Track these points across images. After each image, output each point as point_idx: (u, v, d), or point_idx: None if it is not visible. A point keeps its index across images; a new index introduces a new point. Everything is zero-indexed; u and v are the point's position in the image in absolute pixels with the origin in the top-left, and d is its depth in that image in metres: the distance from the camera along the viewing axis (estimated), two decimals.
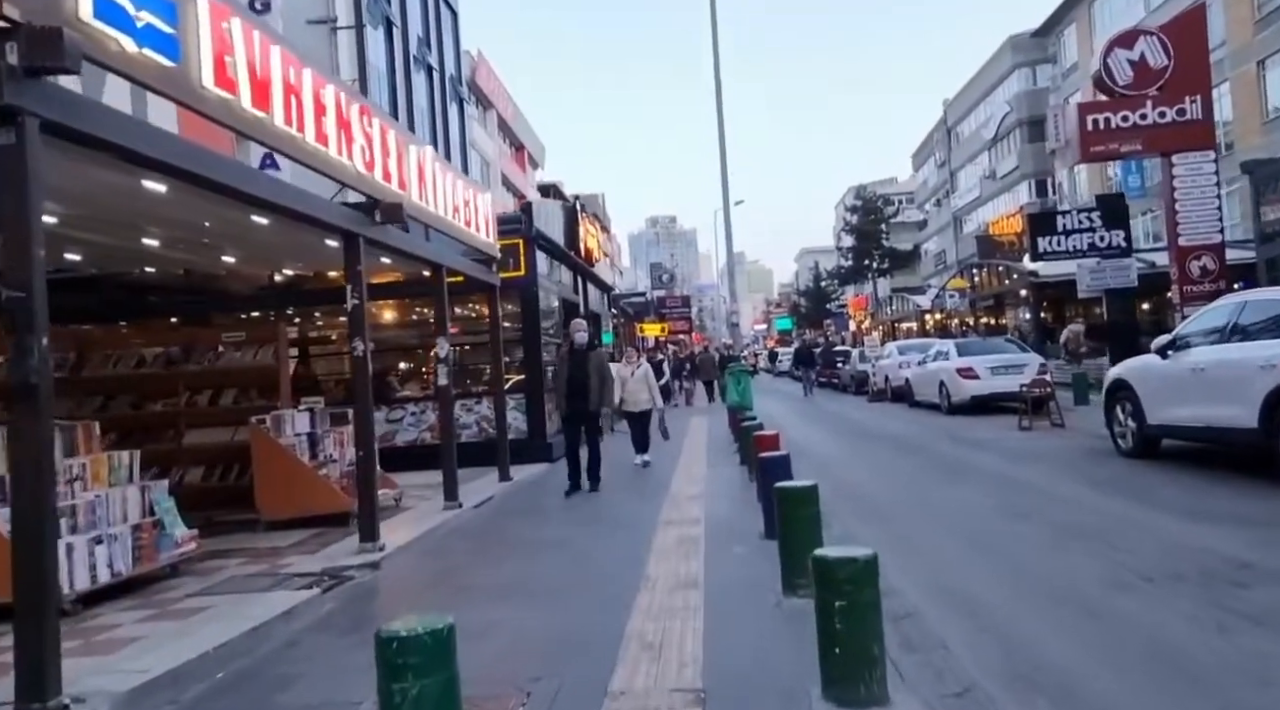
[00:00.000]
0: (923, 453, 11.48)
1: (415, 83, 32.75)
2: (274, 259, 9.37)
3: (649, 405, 11.55)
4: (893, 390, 21.22)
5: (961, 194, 53.43)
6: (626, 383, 11.28)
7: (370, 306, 14.61)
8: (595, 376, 9.51)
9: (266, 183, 5.46)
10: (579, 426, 9.77)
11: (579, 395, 9.51)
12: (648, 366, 11.80)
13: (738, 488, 9.30)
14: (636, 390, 11.40)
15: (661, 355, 20.76)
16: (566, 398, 9.57)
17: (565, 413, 9.70)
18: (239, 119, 4.93)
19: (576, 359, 9.60)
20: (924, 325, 38.20)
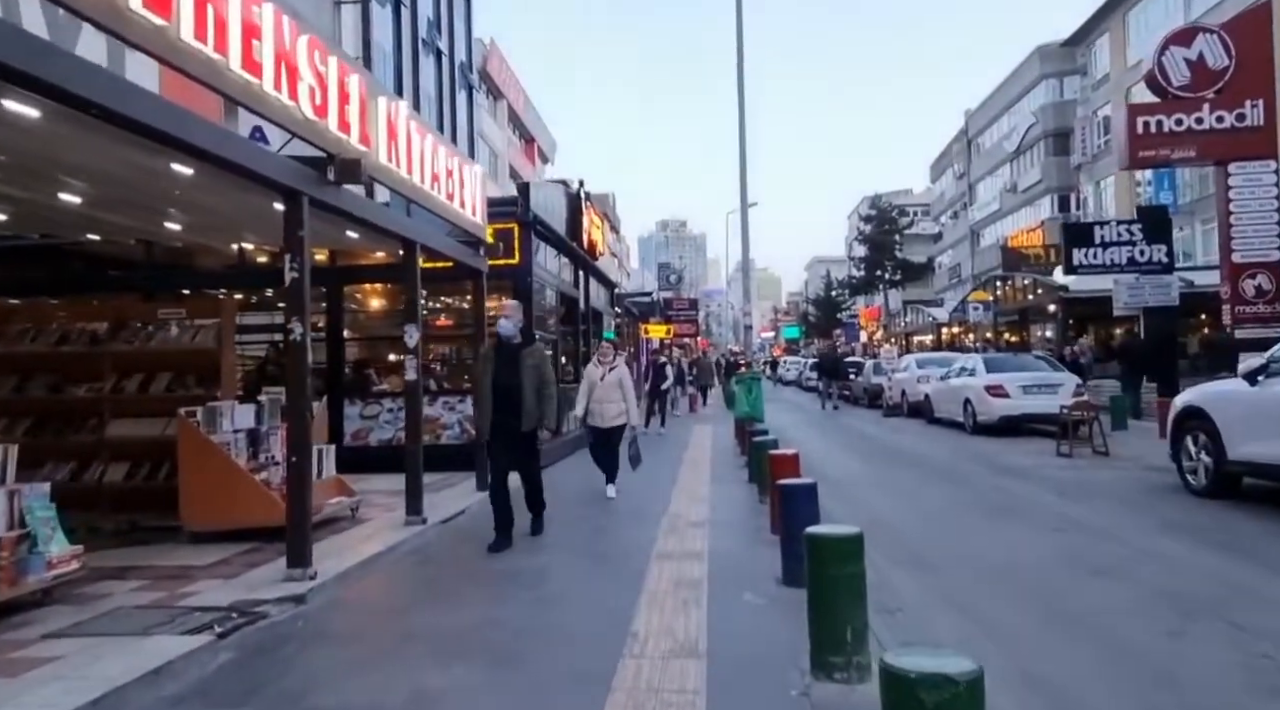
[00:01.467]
0: (955, 479, 10.24)
1: (423, 66, 31.68)
2: (227, 228, 8.19)
3: (622, 419, 9.01)
4: (910, 405, 20.00)
5: (980, 207, 52.16)
6: (595, 388, 9.02)
7: (354, 291, 13.55)
8: (530, 381, 6.72)
9: (162, 111, 4.27)
10: (508, 453, 6.82)
11: (507, 408, 6.64)
12: (625, 369, 9.27)
13: (747, 512, 8.08)
14: (608, 399, 9.02)
15: (665, 358, 19.49)
16: (489, 412, 6.71)
17: (487, 433, 6.79)
18: (125, 22, 3.75)
19: (503, 357, 6.78)
20: (940, 338, 36.91)
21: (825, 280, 71.41)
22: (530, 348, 7.03)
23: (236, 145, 5.02)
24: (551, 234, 12.94)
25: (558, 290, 13.99)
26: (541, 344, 7.92)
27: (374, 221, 6.72)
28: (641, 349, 29.52)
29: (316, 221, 6.62)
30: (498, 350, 6.86)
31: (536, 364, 6.86)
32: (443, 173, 7.93)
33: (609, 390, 9.01)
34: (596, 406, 9.08)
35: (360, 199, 6.47)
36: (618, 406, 9.02)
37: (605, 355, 9.33)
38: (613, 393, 9.00)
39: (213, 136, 4.75)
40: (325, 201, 5.81)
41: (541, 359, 7.02)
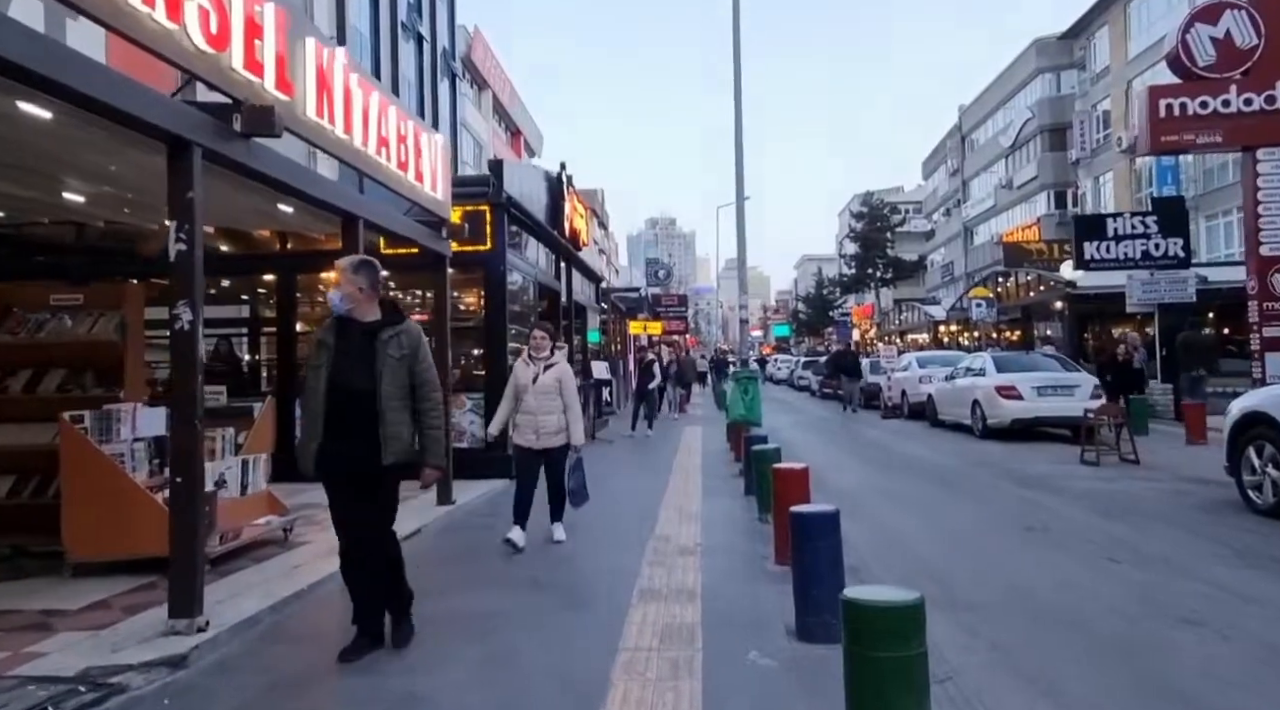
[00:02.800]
0: (974, 491, 9.18)
1: (402, 51, 30.40)
2: (142, 203, 7.00)
3: (564, 437, 6.65)
4: (910, 407, 18.98)
5: (974, 203, 51.34)
6: (526, 394, 6.58)
7: (311, 281, 12.38)
8: (393, 384, 4.12)
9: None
10: (348, 498, 4.24)
11: (348, 427, 4.07)
12: (567, 368, 6.82)
13: (744, 533, 6.99)
14: (543, 408, 6.55)
15: (653, 356, 18.37)
16: (320, 433, 4.12)
17: (310, 468, 4.16)
18: None
19: (347, 345, 4.16)
20: (937, 337, 35.94)
21: (816, 278, 70.55)
22: (395, 330, 4.15)
23: (101, 80, 3.87)
24: (528, 218, 11.81)
25: (536, 281, 12.86)
26: (418, 326, 4.31)
27: (300, 188, 5.58)
28: (629, 347, 28.39)
29: (229, 188, 5.50)
30: (339, 334, 4.14)
31: (406, 356, 4.13)
32: (393, 137, 6.79)
33: (544, 397, 6.55)
34: (528, 419, 6.57)
35: (280, 160, 5.32)
36: (557, 419, 6.58)
37: (539, 347, 6.68)
38: (549, 400, 6.57)
39: (66, 66, 3.61)
40: (227, 156, 4.67)
41: (416, 348, 4.18)
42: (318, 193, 5.78)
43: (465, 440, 10.66)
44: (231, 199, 6.19)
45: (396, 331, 4.18)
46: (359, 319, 4.17)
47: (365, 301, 4.18)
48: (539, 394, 6.57)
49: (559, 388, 6.63)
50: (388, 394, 4.07)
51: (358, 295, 4.16)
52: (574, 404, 6.73)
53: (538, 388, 6.57)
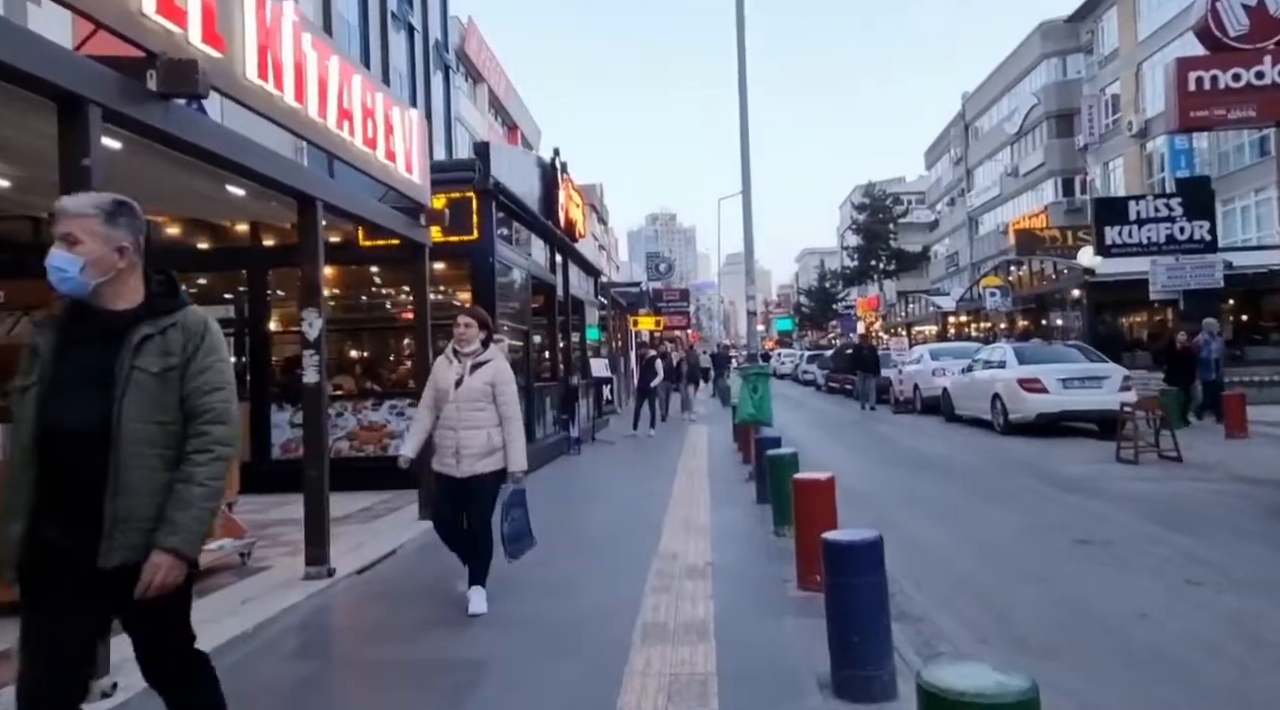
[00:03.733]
0: (1006, 495, 8.40)
1: (393, 42, 29.54)
2: None
3: (496, 463, 4.92)
4: (924, 401, 18.17)
5: (979, 192, 50.48)
6: (447, 400, 4.92)
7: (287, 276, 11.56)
8: (137, 420, 2.24)
9: None
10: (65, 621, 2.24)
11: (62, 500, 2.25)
12: (504, 367, 5.05)
13: (760, 549, 6.22)
14: (469, 421, 4.88)
15: (654, 352, 17.58)
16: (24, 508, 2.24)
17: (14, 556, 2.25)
18: None
19: (75, 354, 2.30)
20: (945, 328, 35.12)
21: (819, 270, 69.75)
22: (159, 325, 2.34)
23: None
24: (519, 207, 11.03)
25: (529, 274, 12.08)
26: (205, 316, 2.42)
27: (240, 162, 4.79)
28: (630, 343, 27.62)
29: (166, 165, 4.73)
30: (63, 333, 2.33)
31: (174, 368, 2.32)
32: (357, 110, 6.01)
33: (471, 407, 4.84)
34: (447, 437, 4.87)
35: (211, 127, 4.54)
36: (486, 437, 4.84)
37: (464, 338, 4.96)
38: (477, 411, 4.85)
39: None
40: (138, 119, 3.89)
41: (196, 351, 2.36)
42: (263, 168, 4.99)
43: None
44: (170, 179, 5.43)
45: (161, 327, 2.33)
46: (104, 305, 2.33)
47: (121, 273, 2.33)
48: (463, 402, 4.83)
49: (491, 394, 4.86)
50: (129, 437, 2.22)
51: (109, 260, 2.30)
52: (513, 415, 4.93)
53: (462, 394, 4.83)
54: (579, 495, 9.45)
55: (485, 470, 4.88)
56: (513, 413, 4.97)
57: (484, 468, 4.87)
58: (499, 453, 4.90)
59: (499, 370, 4.99)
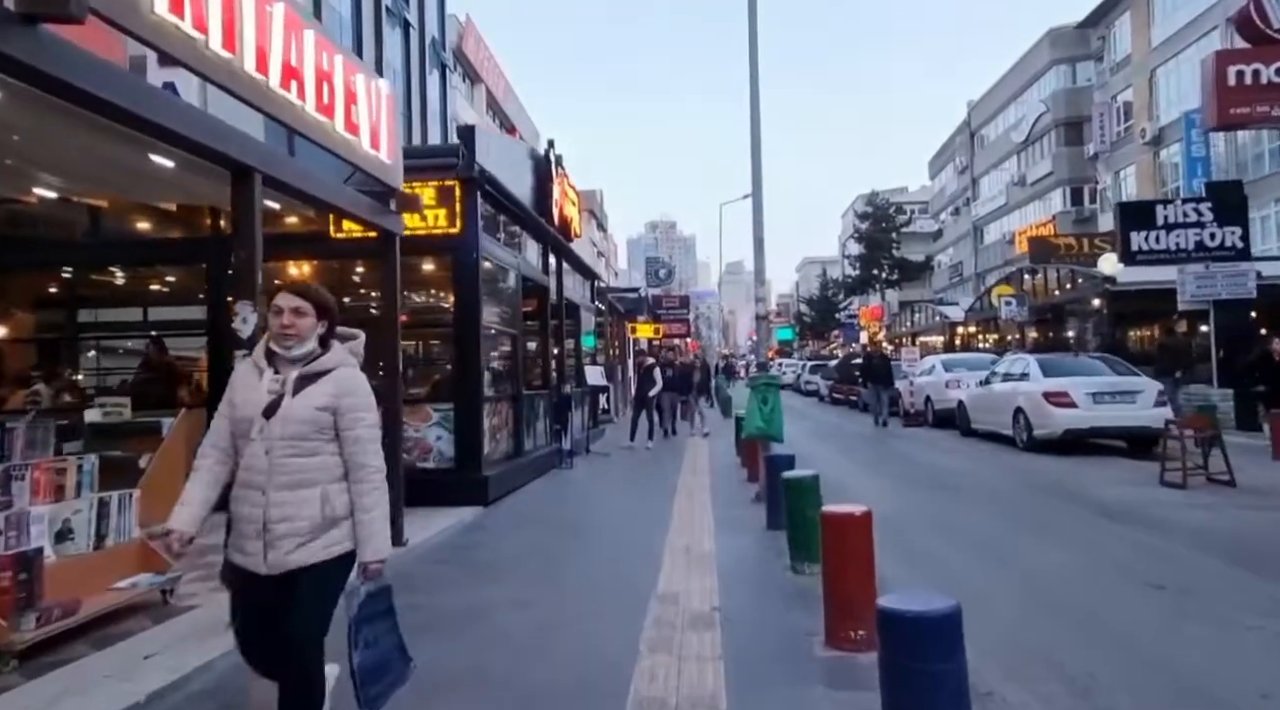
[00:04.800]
0: (1049, 525, 7.48)
1: (388, 38, 28.74)
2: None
3: (334, 547, 2.87)
4: (936, 414, 17.28)
5: (984, 202, 49.74)
6: (249, 440, 2.86)
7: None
8: None
9: None
10: None
11: None
12: (355, 380, 2.96)
13: (776, 589, 5.31)
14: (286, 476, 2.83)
15: (653, 359, 16.68)
16: None
17: None
18: None
19: None
20: (953, 339, 34.21)
21: (820, 279, 68.93)
22: None
23: None
24: (508, 199, 10.14)
25: (519, 274, 11.18)
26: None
27: (143, 115, 3.88)
28: (628, 350, 26.70)
29: (73, 127, 3.84)
30: None
31: None
32: (309, 71, 5.11)
33: (291, 451, 2.83)
34: (249, 499, 2.87)
35: (100, 68, 3.64)
36: (318, 502, 2.84)
37: (288, 333, 2.92)
38: (303, 457, 2.85)
39: None
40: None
41: None
42: (179, 127, 4.08)
43: (431, 459, 8.98)
44: (75, 142, 4.53)
45: None
46: None
47: None
48: (279, 441, 2.81)
49: (332, 426, 2.87)
50: None
51: None
52: (372, 464, 2.90)
53: (277, 426, 2.81)
54: (568, 516, 8.54)
55: (315, 559, 2.79)
56: (371, 458, 2.88)
57: (313, 555, 2.79)
58: (343, 527, 2.84)
59: (347, 386, 2.88)
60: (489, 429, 9.56)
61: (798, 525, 5.74)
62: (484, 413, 9.25)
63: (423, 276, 10.46)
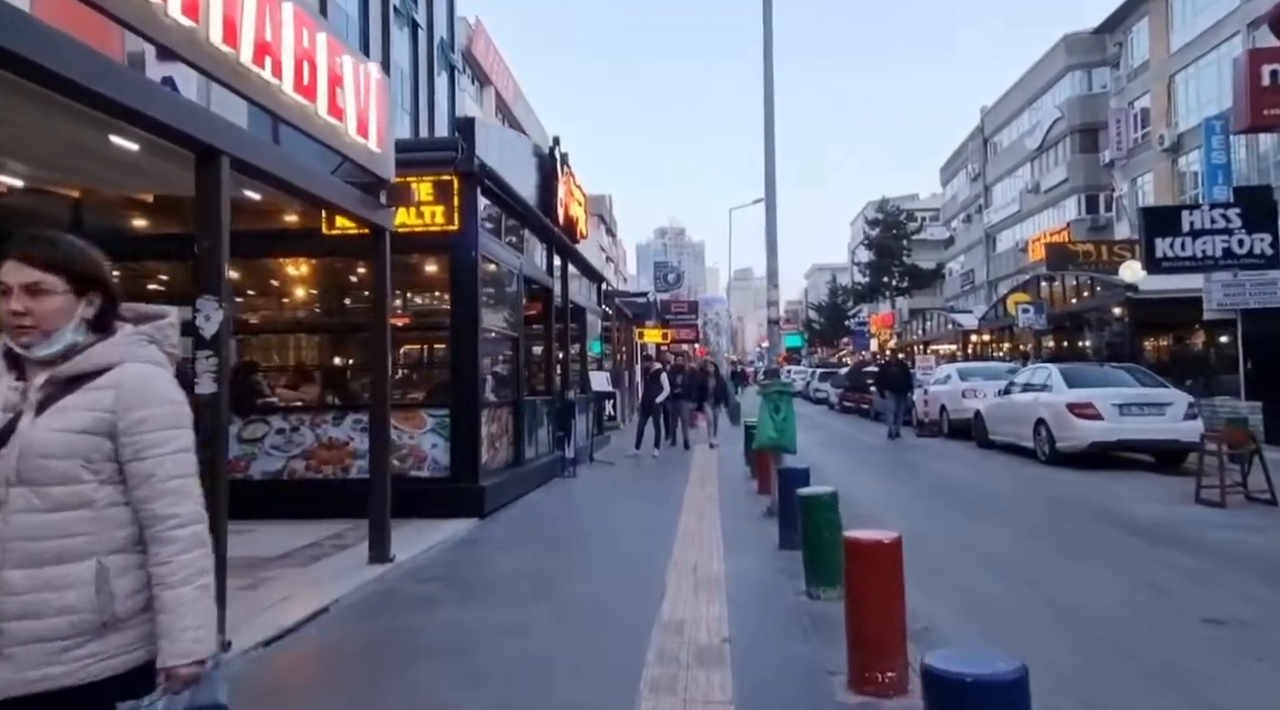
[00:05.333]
0: (1082, 546, 6.98)
1: (395, 38, 28.40)
2: None
3: (123, 654, 1.69)
4: (951, 424, 16.77)
5: (997, 209, 49.17)
6: None
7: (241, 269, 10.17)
8: None
9: None
10: None
11: None
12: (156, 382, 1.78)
13: (790, 617, 4.84)
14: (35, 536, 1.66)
15: (659, 365, 16.22)
16: None
17: None
18: None
19: None
20: (966, 347, 33.64)
21: (830, 286, 68.38)
22: None
23: None
24: (510, 196, 9.71)
25: (522, 275, 10.74)
26: None
27: (84, 84, 3.45)
28: (635, 355, 26.25)
29: (27, 105, 3.43)
30: None
31: None
32: (286, 49, 4.69)
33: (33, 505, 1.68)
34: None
35: (37, 28, 3.21)
36: (86, 582, 1.67)
37: (20, 324, 1.73)
38: (54, 513, 1.68)
39: None
40: None
41: None
42: (132, 101, 3.65)
43: (425, 468, 8.54)
44: (24, 117, 4.11)
45: None
46: None
47: None
48: (18, 489, 1.69)
49: (110, 457, 1.75)
50: None
51: None
52: (172, 508, 1.75)
53: (19, 459, 1.70)
54: (567, 530, 8.09)
55: (82, 679, 1.68)
56: (177, 505, 1.76)
57: (77, 672, 1.68)
58: (136, 625, 1.73)
59: (132, 394, 1.77)
60: (487, 436, 9.11)
61: (815, 546, 5.27)
62: (482, 419, 8.80)
63: (421, 276, 10.05)
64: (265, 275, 10.08)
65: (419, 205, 8.21)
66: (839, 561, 5.27)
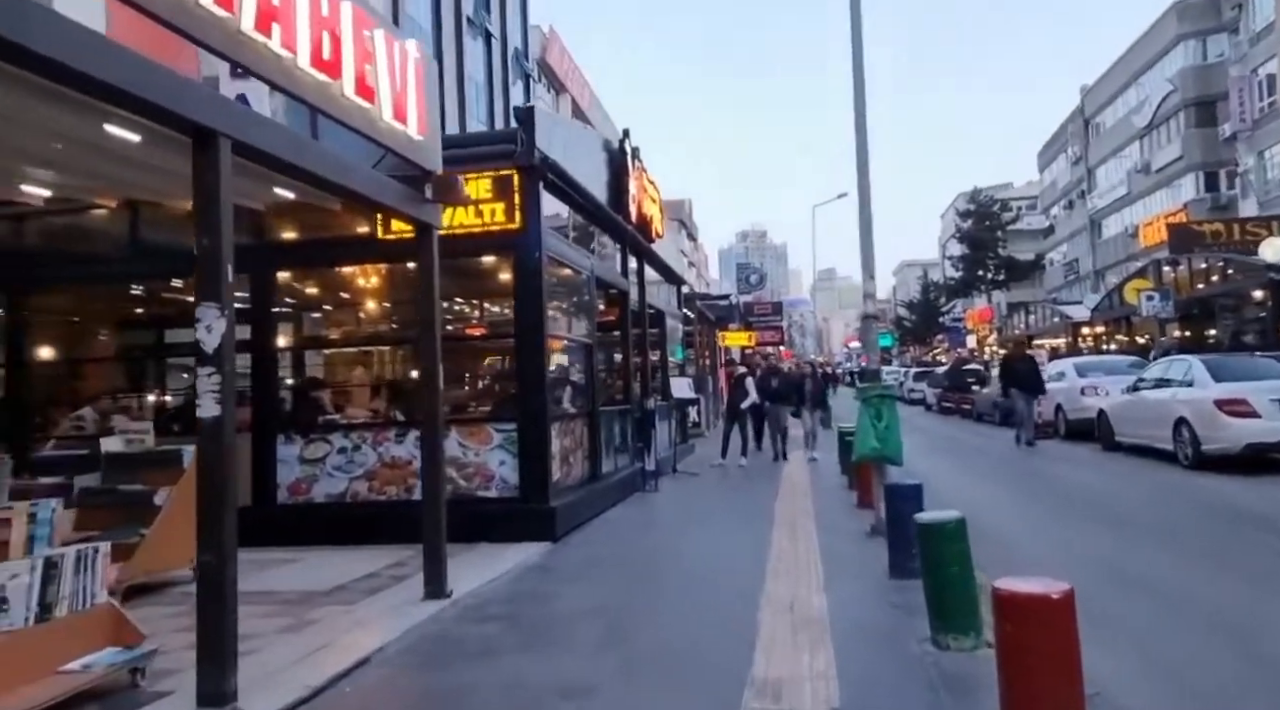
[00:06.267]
0: (1269, 573, 5.77)
1: (469, 49, 28.38)
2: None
3: None
4: (1069, 424, 15.26)
5: (1101, 193, 46.13)
6: None
7: (302, 281, 9.64)
8: None
9: None
10: None
11: None
12: None
13: (915, 676, 3.93)
14: None
15: (744, 368, 15.28)
16: None
17: None
18: None
19: None
20: (1077, 340, 31.34)
21: (921, 281, 65.71)
22: None
23: None
24: (577, 191, 9.02)
25: (593, 277, 10.04)
26: None
27: (58, 59, 2.87)
28: (719, 360, 25.31)
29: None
30: None
31: None
32: (301, 17, 4.08)
33: None
34: None
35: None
36: None
37: None
38: None
39: None
40: None
41: None
42: (110, 76, 3.05)
43: (493, 488, 7.89)
44: (42, 117, 3.61)
45: None
46: None
47: None
48: None
49: None
50: None
51: None
52: None
53: None
54: (646, 555, 7.29)
55: None
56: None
57: None
58: None
59: None
60: (559, 451, 8.43)
61: (940, 584, 4.32)
62: (552, 433, 8.12)
63: (495, 282, 9.43)
64: (326, 286, 9.69)
65: (477, 203, 7.60)
66: (971, 602, 4.32)
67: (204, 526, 3.54)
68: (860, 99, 8.22)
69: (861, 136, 8.21)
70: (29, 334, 9.07)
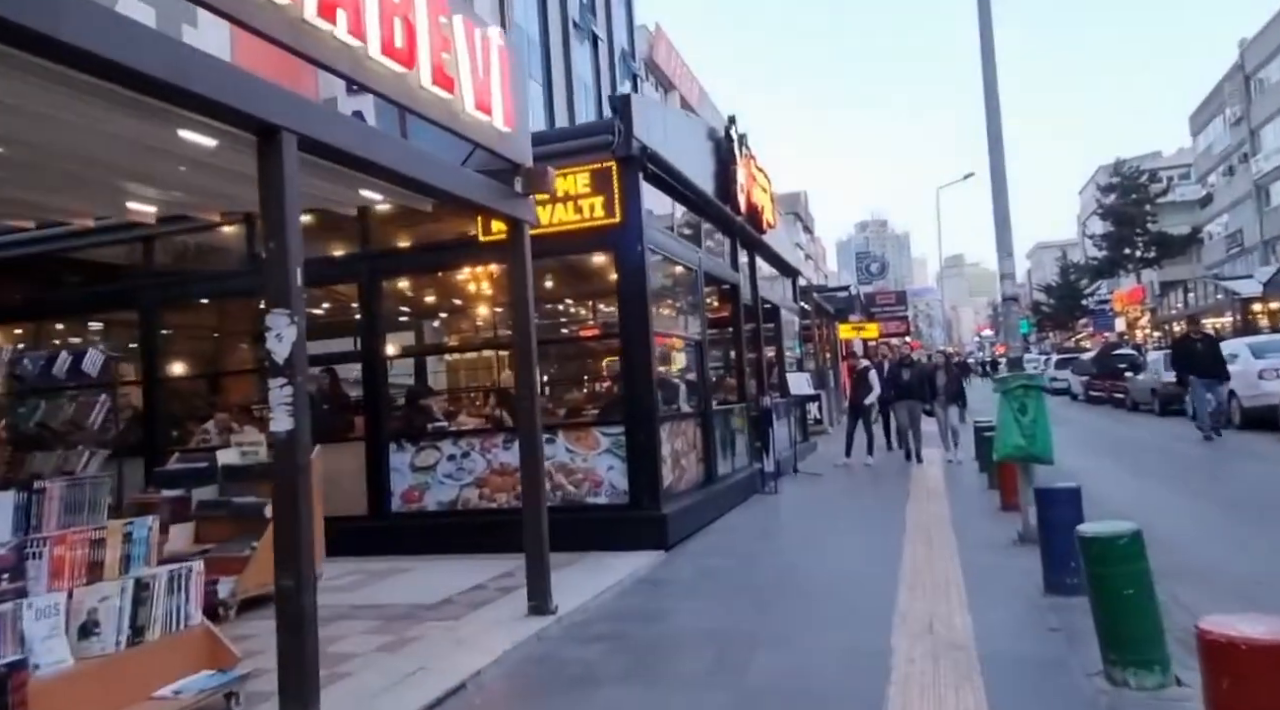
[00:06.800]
0: None
1: (576, 53, 28.49)
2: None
3: None
4: (1245, 413, 13.62)
5: (1268, 155, 41.63)
6: None
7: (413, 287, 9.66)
8: None
9: None
10: None
11: None
12: None
13: (1077, 706, 3.26)
14: None
15: (866, 362, 14.41)
16: None
17: None
18: None
19: None
20: (1247, 319, 28.32)
21: (1060, 263, 61.48)
22: None
23: None
24: (680, 181, 8.59)
25: (702, 271, 9.58)
26: None
27: (110, 58, 2.70)
28: (839, 354, 24.29)
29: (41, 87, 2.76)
30: None
31: None
32: (370, 5, 3.84)
33: None
34: None
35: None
36: None
37: None
38: None
39: None
40: None
41: None
42: (167, 75, 2.86)
43: (602, 493, 7.58)
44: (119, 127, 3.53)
45: None
46: None
47: None
48: None
49: None
50: None
51: None
52: None
53: None
54: (764, 567, 6.77)
55: None
56: None
57: None
58: None
59: None
60: (670, 454, 8.03)
61: (1113, 610, 3.64)
62: (662, 435, 7.73)
63: (603, 281, 9.15)
64: (437, 293, 9.68)
65: (575, 198, 7.31)
66: (1155, 631, 3.62)
67: (280, 548, 3.34)
68: (990, 66, 7.40)
69: (993, 101, 7.40)
70: (163, 351, 9.47)
